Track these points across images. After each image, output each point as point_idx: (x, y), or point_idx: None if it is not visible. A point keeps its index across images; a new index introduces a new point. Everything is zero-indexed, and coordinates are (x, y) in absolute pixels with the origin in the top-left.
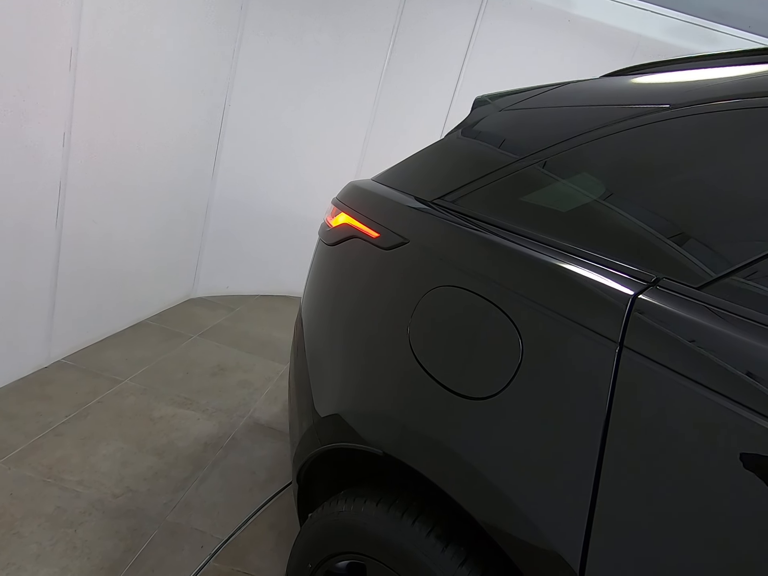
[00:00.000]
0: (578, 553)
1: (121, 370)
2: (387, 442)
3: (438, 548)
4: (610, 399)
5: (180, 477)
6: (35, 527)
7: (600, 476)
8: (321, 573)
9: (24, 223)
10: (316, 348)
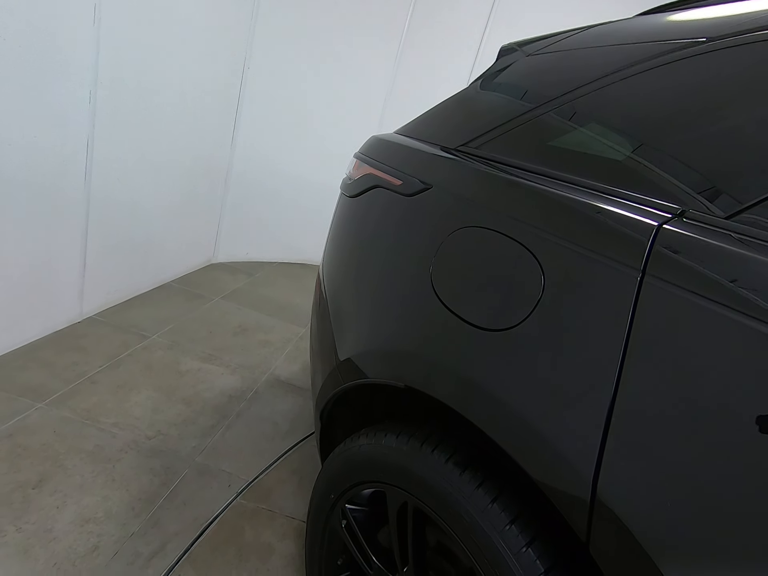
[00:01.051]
0: (592, 467)
1: (148, 327)
2: (409, 375)
3: (456, 473)
4: (630, 325)
5: (207, 424)
6: (77, 461)
7: (616, 396)
8: (342, 503)
9: (55, 182)
10: (337, 296)
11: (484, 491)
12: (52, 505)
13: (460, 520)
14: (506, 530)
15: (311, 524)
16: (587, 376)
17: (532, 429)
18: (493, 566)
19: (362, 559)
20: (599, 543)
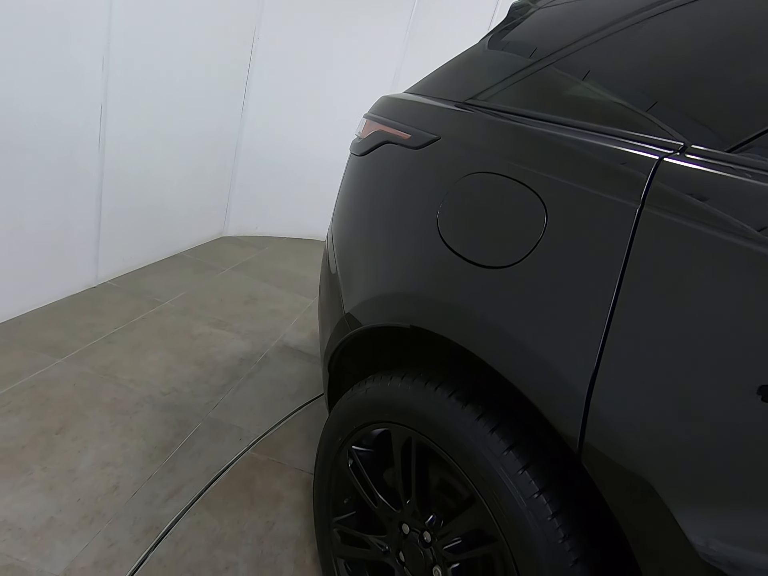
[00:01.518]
0: (587, 385)
1: (161, 294)
2: (414, 316)
3: (458, 407)
4: (627, 254)
5: (219, 384)
6: (96, 412)
7: (612, 320)
8: (349, 444)
9: (70, 151)
10: (345, 252)
11: (483, 422)
12: (74, 449)
13: (461, 449)
14: (504, 456)
15: (320, 466)
16: (585, 303)
17: (531, 355)
18: (491, 488)
19: (368, 496)
20: (590, 454)
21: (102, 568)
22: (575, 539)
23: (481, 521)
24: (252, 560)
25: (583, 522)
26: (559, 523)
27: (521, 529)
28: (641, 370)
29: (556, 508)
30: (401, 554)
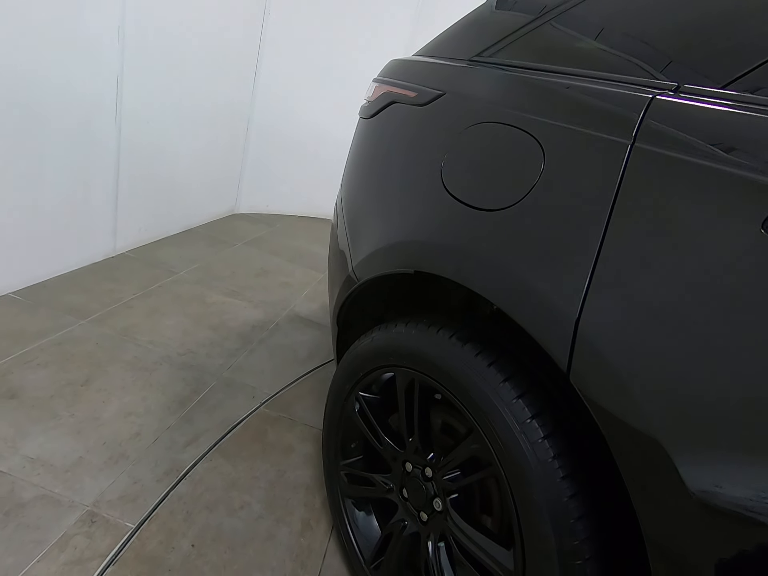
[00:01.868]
0: (577, 309)
1: (176, 265)
2: (417, 261)
3: (458, 346)
4: (617, 189)
5: (232, 347)
6: (118, 368)
7: (601, 250)
8: (356, 391)
9: (88, 120)
10: (353, 211)
11: (481, 358)
12: (98, 399)
13: (460, 383)
14: (500, 386)
15: (328, 413)
16: (576, 236)
17: (526, 287)
18: (487, 416)
19: (374, 438)
20: (577, 372)
21: (127, 501)
22: (565, 459)
23: (478, 449)
24: (265, 502)
25: (573, 444)
26: (550, 444)
27: (514, 452)
28: (626, 295)
29: (547, 431)
30: (404, 491)
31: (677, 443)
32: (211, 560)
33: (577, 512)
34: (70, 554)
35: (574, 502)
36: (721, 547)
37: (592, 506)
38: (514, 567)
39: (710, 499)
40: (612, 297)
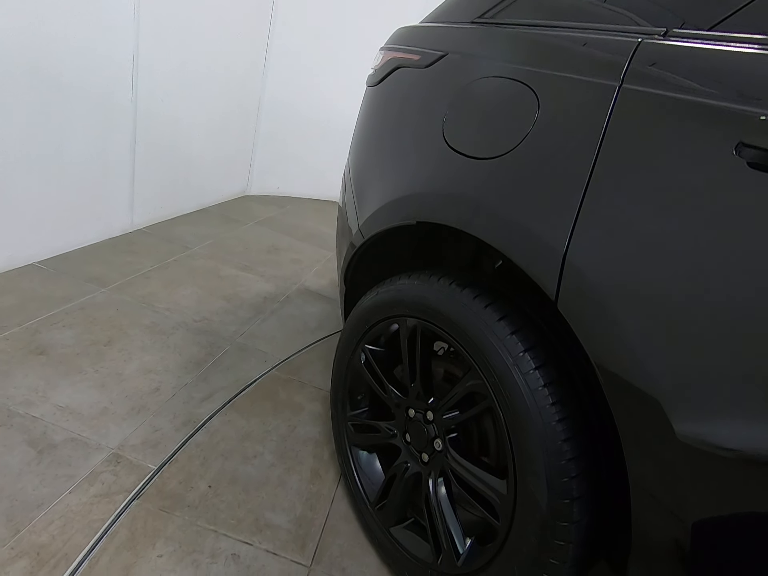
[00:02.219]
0: (564, 242)
1: (190, 241)
2: (418, 212)
3: (457, 291)
4: (605, 127)
5: (245, 316)
6: (138, 331)
7: (588, 187)
8: (363, 344)
9: (106, 91)
10: (360, 175)
11: (479, 300)
12: (120, 358)
13: (458, 325)
14: (495, 324)
15: (336, 367)
16: (565, 175)
17: (517, 225)
18: (483, 352)
19: (378, 387)
20: (564, 297)
21: (149, 446)
22: (555, 387)
23: (475, 385)
24: (276, 453)
25: (563, 375)
26: (541, 374)
27: (508, 383)
28: (611, 228)
29: (538, 363)
30: (407, 435)
31: (662, 367)
32: (226, 499)
33: (565, 434)
34: (99, 488)
35: (561, 426)
36: (705, 491)
37: (579, 430)
38: (507, 490)
39: (696, 436)
40: (597, 230)
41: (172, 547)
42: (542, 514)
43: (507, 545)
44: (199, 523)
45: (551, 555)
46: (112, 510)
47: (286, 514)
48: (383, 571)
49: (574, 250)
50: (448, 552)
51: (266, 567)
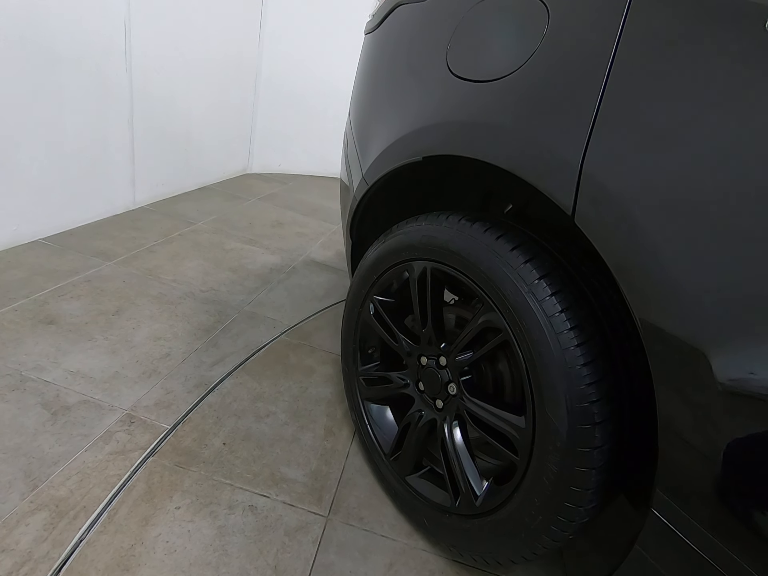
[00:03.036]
0: (580, 154)
1: (194, 217)
2: (424, 147)
3: (467, 226)
4: (620, 32)
5: (252, 286)
6: (145, 301)
7: (604, 91)
8: (371, 295)
9: (100, 66)
10: (362, 124)
11: (490, 233)
12: (129, 326)
13: (469, 259)
14: (508, 254)
15: (346, 322)
16: (580, 82)
17: (531, 143)
18: (497, 284)
19: (389, 337)
20: (582, 210)
21: (162, 407)
22: (573, 312)
23: (488, 321)
24: (289, 412)
25: (580, 300)
26: (557, 300)
27: (523, 311)
28: (629, 134)
29: (554, 289)
30: (420, 384)
31: (688, 268)
32: (241, 456)
33: (584, 359)
34: (114, 446)
35: (581, 350)
36: (734, 430)
37: (599, 353)
38: (525, 424)
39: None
40: (615, 135)
41: (189, 500)
42: (563, 442)
43: (527, 479)
44: (215, 478)
45: (573, 482)
46: (128, 466)
47: (302, 469)
48: (400, 519)
49: (591, 159)
50: (466, 494)
51: (284, 517)
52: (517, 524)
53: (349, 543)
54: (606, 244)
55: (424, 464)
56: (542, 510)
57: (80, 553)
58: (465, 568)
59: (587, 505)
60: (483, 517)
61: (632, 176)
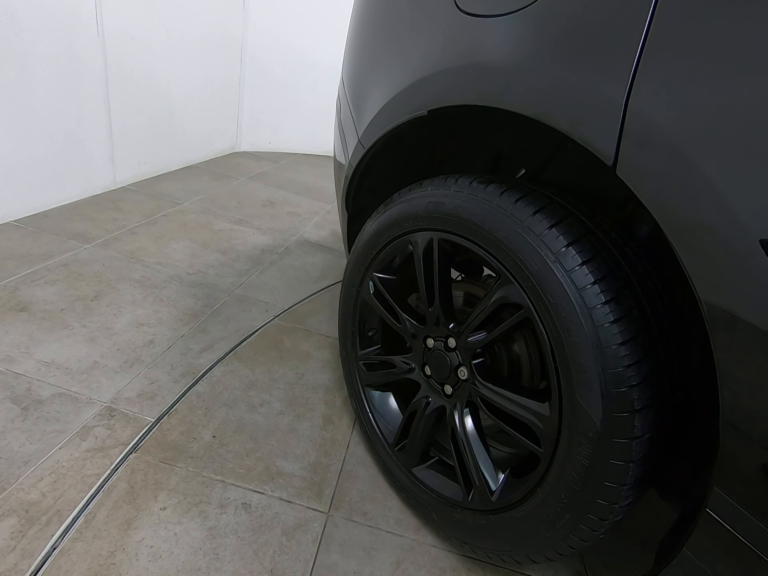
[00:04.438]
0: (624, 93)
1: (179, 197)
2: (431, 98)
3: (480, 188)
4: None
5: (242, 268)
6: (127, 285)
7: (652, 21)
8: (371, 272)
9: (69, 35)
10: (356, 83)
11: (507, 194)
12: (109, 312)
13: (483, 226)
14: (529, 219)
15: (343, 303)
16: (623, 8)
17: (565, 84)
18: (518, 252)
19: (392, 318)
20: (626, 158)
21: (145, 399)
22: (607, 283)
23: (506, 297)
24: (285, 400)
25: (617, 268)
26: (590, 269)
27: (549, 284)
28: (682, 71)
29: (585, 257)
30: (426, 368)
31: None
32: (233, 449)
33: (622, 336)
34: (92, 442)
35: (618, 327)
36: None
37: (639, 330)
38: (549, 411)
39: None
40: (671, 65)
41: (176, 499)
42: (596, 432)
43: (552, 472)
44: (204, 474)
45: (607, 477)
46: (107, 464)
47: (299, 461)
48: (407, 513)
49: (639, 94)
50: (480, 488)
51: (281, 515)
52: (540, 522)
53: (353, 541)
54: (658, 197)
55: (432, 455)
56: (570, 507)
57: (53, 563)
58: (478, 564)
59: (622, 502)
60: (500, 513)
61: (694, 111)
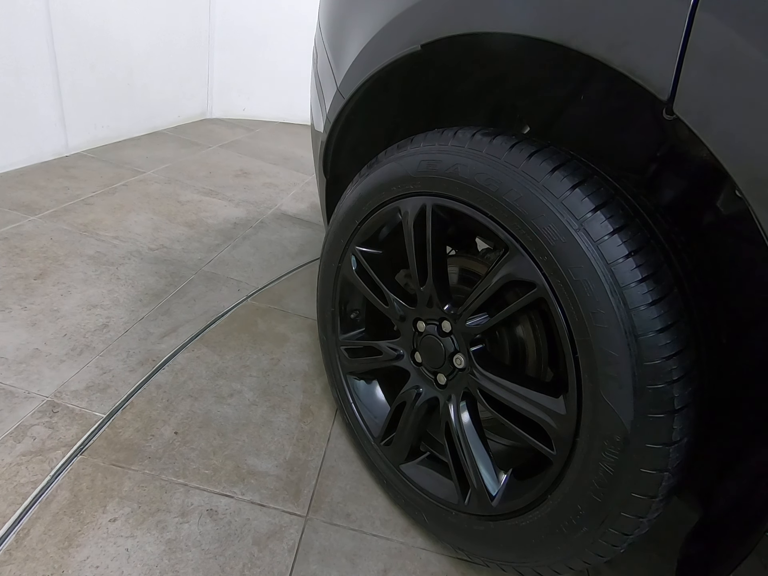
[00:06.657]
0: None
1: (142, 165)
2: (425, 30)
3: (485, 142)
4: None
5: (212, 243)
6: (78, 262)
7: None
8: (353, 245)
9: None
10: (335, 23)
11: (518, 149)
12: (56, 292)
13: (488, 190)
14: (548, 178)
15: (322, 281)
16: None
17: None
18: (532, 219)
19: (377, 298)
20: (688, 89)
21: (96, 391)
22: (643, 257)
23: (515, 273)
24: (258, 389)
25: (653, 239)
26: (622, 239)
27: (570, 257)
28: None
29: (617, 224)
30: (416, 355)
31: None
32: (198, 446)
33: (662, 322)
34: (29, 444)
35: (656, 310)
36: None
37: (681, 314)
38: (565, 409)
39: None
40: None
41: (129, 508)
42: (624, 435)
43: (566, 480)
44: (163, 477)
45: (636, 488)
46: (46, 470)
47: (274, 458)
48: (394, 513)
49: (709, 4)
50: (478, 490)
51: (252, 522)
52: (550, 534)
53: (334, 547)
54: (732, 142)
55: (422, 449)
56: (588, 520)
57: None
58: (473, 567)
59: (651, 515)
60: (502, 520)
61: None
